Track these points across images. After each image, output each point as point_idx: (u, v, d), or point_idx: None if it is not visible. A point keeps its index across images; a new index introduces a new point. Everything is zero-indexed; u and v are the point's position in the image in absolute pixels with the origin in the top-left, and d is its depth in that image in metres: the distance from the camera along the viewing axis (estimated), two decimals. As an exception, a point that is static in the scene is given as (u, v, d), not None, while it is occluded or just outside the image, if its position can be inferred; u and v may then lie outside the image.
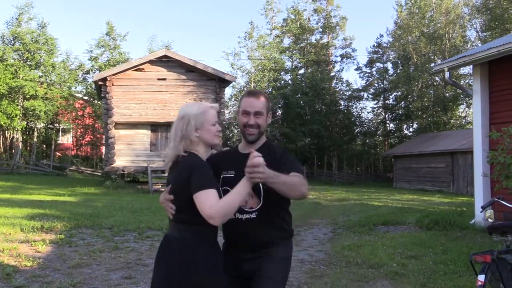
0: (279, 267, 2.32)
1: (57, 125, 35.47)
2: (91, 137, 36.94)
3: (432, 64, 30.83)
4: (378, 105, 40.85)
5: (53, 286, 4.69)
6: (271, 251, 2.33)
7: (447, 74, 9.44)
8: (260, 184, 2.24)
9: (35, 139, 33.35)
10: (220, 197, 2.06)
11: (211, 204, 2.00)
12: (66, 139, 38.01)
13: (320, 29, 42.21)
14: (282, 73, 38.55)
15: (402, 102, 38.47)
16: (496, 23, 30.45)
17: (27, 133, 33.46)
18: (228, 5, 74.25)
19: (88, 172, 31.51)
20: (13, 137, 32.17)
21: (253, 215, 2.33)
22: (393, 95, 39.85)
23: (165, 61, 20.43)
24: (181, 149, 2.20)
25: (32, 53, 30.92)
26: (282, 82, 37.95)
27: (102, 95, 20.91)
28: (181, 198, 2.13)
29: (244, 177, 2.02)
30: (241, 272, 2.33)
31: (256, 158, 1.99)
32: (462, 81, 33.07)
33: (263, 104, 2.39)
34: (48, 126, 34.83)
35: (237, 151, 2.46)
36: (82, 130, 36.99)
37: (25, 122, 31.54)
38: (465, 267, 5.49)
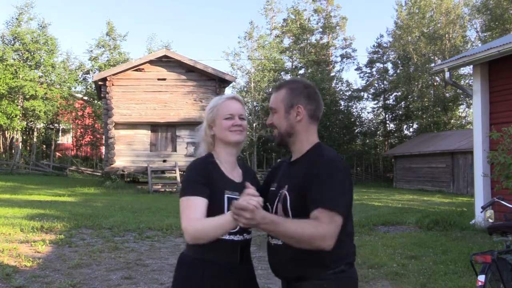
0: None
1: (57, 125, 35.44)
2: (91, 137, 36.90)
3: (432, 64, 30.85)
4: (378, 105, 40.83)
5: (53, 286, 4.69)
6: None
7: (447, 74, 9.44)
8: (286, 191, 1.77)
9: (35, 139, 33.33)
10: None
11: (191, 216, 1.71)
12: (66, 139, 37.99)
13: (320, 29, 42.24)
14: (282, 73, 38.54)
15: (402, 102, 38.45)
16: (496, 23, 30.46)
17: (27, 133, 33.43)
18: (228, 5, 74.33)
19: (88, 172, 31.49)
20: (13, 137, 32.14)
21: (280, 241, 1.75)
22: (393, 95, 39.83)
23: (165, 61, 20.43)
24: (201, 152, 1.95)
25: (32, 53, 30.89)
26: (282, 82, 37.92)
27: (102, 95, 20.91)
28: None
29: (230, 212, 1.56)
30: None
31: (244, 200, 1.49)
32: (462, 81, 33.07)
33: (280, 97, 1.86)
34: (48, 126, 34.79)
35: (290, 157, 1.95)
36: (82, 130, 36.96)
37: (25, 122, 31.50)
38: (465, 267, 5.48)
